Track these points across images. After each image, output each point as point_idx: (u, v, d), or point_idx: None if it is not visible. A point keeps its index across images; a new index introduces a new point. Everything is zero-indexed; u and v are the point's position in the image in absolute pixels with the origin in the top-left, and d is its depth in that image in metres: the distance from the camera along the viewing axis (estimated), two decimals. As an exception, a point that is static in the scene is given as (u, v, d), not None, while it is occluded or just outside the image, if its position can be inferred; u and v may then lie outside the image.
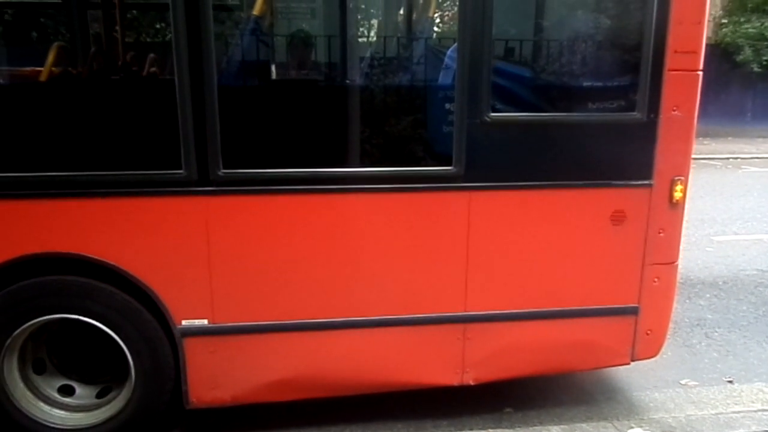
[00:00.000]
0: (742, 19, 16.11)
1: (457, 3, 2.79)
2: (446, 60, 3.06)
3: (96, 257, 2.69)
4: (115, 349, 2.83)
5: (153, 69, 3.74)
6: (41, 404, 2.94)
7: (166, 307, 2.78)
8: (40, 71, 3.14)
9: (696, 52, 2.88)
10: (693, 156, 3.08)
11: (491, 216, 2.95)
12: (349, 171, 2.85)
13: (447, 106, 2.90)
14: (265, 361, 2.94)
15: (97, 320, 2.76)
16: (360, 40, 4.09)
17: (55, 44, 3.21)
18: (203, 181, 2.68)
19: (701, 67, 2.91)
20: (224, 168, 2.68)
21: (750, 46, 15.78)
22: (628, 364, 3.30)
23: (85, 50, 4.36)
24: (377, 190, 2.85)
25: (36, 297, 2.73)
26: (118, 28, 4.03)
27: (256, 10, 3.18)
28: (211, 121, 2.64)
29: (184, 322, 2.81)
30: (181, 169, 2.66)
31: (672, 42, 2.84)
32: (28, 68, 3.48)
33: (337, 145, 2.89)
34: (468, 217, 2.92)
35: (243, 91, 3.07)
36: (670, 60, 2.86)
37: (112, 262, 2.70)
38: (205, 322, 2.83)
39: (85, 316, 2.75)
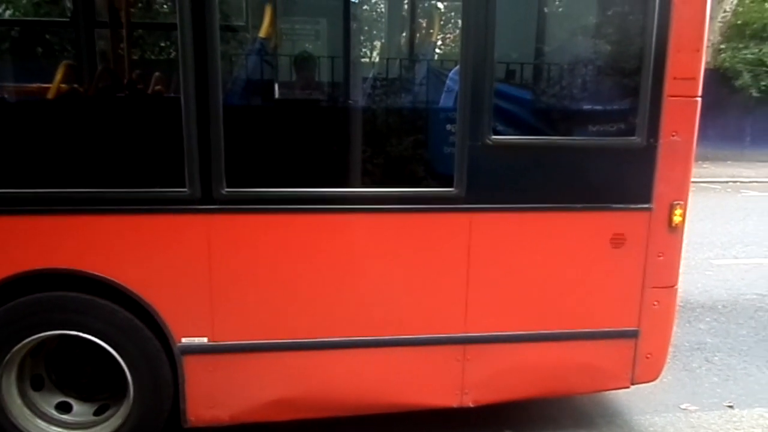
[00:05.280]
0: (740, 45, 16.29)
1: (460, 26, 2.83)
2: (448, 82, 3.11)
3: (97, 274, 2.70)
4: (113, 366, 2.82)
5: (158, 87, 3.79)
6: (38, 421, 2.93)
7: (166, 325, 2.78)
8: (47, 88, 3.18)
9: (695, 79, 2.92)
10: (692, 179, 3.10)
11: (492, 238, 2.96)
12: (351, 191, 2.88)
13: (449, 127, 2.93)
14: (265, 380, 2.93)
15: (96, 337, 2.76)
16: (363, 61, 4.15)
17: (63, 63, 3.26)
18: (206, 199, 2.70)
19: (700, 93, 2.95)
20: (228, 187, 2.70)
21: (748, 72, 15.93)
22: (628, 387, 3.29)
23: (92, 68, 4.43)
24: (379, 210, 2.87)
25: (36, 313, 2.73)
26: (124, 46, 4.09)
27: (263, 33, 3.23)
28: (216, 140, 2.66)
29: (184, 340, 2.81)
30: (184, 187, 2.68)
31: (671, 68, 2.88)
32: (35, 84, 3.53)
33: (340, 165, 2.92)
34: (469, 239, 2.94)
35: (248, 110, 3.11)
36: (669, 86, 2.89)
37: (113, 279, 2.71)
38: (205, 340, 2.83)
39: (84, 332, 2.75)
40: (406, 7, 4.73)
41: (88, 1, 4.56)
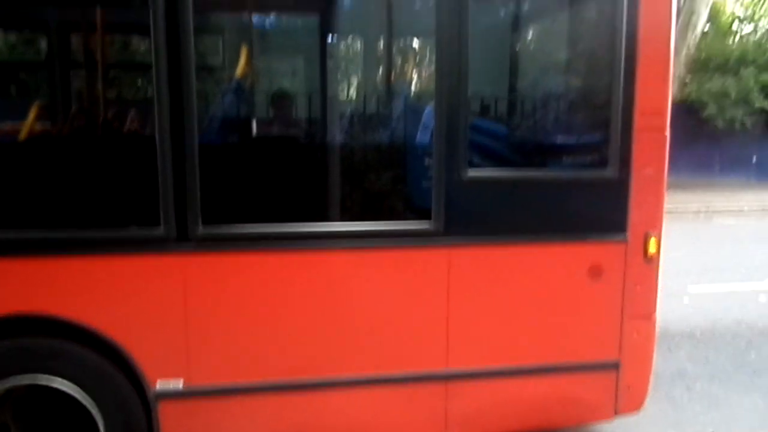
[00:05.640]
0: (705, 78, 16.87)
1: (434, 63, 2.88)
2: (424, 119, 3.15)
3: (67, 318, 2.62)
4: (84, 413, 2.72)
5: (134, 125, 3.77)
6: (4, 473, 2.80)
7: (140, 369, 2.71)
8: (20, 126, 3.15)
9: (662, 113, 3.01)
10: (667, 207, 3.16)
11: (471, 272, 2.96)
12: (328, 227, 2.87)
13: (425, 163, 2.96)
14: (243, 422, 2.85)
15: (67, 384, 2.67)
16: (340, 97, 4.19)
17: (36, 103, 3.23)
18: (181, 238, 2.66)
19: (668, 126, 3.03)
20: (204, 225, 2.67)
21: (714, 103, 16.47)
22: (612, 419, 3.27)
23: (67, 108, 4.40)
24: (357, 246, 2.86)
25: (3, 359, 2.64)
26: (100, 85, 4.08)
27: (239, 73, 3.26)
28: (192, 178, 2.64)
29: (158, 385, 2.73)
30: (159, 226, 2.65)
31: (639, 103, 2.96)
32: (7, 124, 3.49)
33: (317, 201, 2.91)
34: (448, 273, 2.93)
35: (224, 148, 3.11)
36: (638, 120, 2.97)
37: (84, 323, 2.63)
38: (180, 384, 2.75)
39: (54, 378, 2.66)
40: (382, 44, 4.82)
41: (63, 41, 4.57)
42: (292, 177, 2.95)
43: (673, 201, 12.39)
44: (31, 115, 3.09)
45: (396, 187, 3.06)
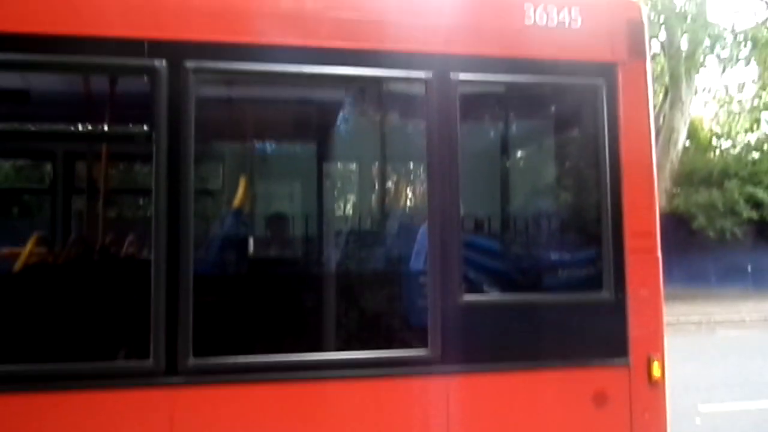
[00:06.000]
0: (691, 190, 17.39)
1: (427, 191, 2.95)
2: (417, 243, 3.18)
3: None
4: None
5: (131, 250, 3.80)
6: None
7: None
8: (19, 252, 3.16)
9: (652, 234, 3.06)
10: (667, 319, 3.10)
11: (471, 400, 2.85)
12: (322, 357, 2.79)
13: (421, 288, 2.95)
14: None
15: None
16: (335, 223, 4.27)
17: (35, 235, 3.27)
18: (171, 371, 2.57)
19: (659, 246, 3.06)
20: (194, 356, 2.60)
21: (702, 214, 16.84)
22: None
23: (67, 233, 4.46)
24: (352, 375, 2.77)
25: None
26: (99, 212, 4.16)
27: (236, 203, 3.34)
28: (185, 307, 2.60)
29: None
30: (148, 358, 2.57)
31: (628, 225, 3.02)
32: (5, 249, 3.51)
33: (310, 330, 2.86)
34: (447, 402, 2.82)
35: (218, 277, 3.10)
36: (628, 241, 3.01)
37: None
38: None
39: None
40: (376, 168, 5.00)
41: (68, 168, 4.72)
42: (286, 305, 2.92)
43: (673, 313, 12.28)
44: (29, 246, 3.12)
45: (392, 313, 3.02)
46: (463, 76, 2.90)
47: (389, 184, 4.60)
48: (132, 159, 5.40)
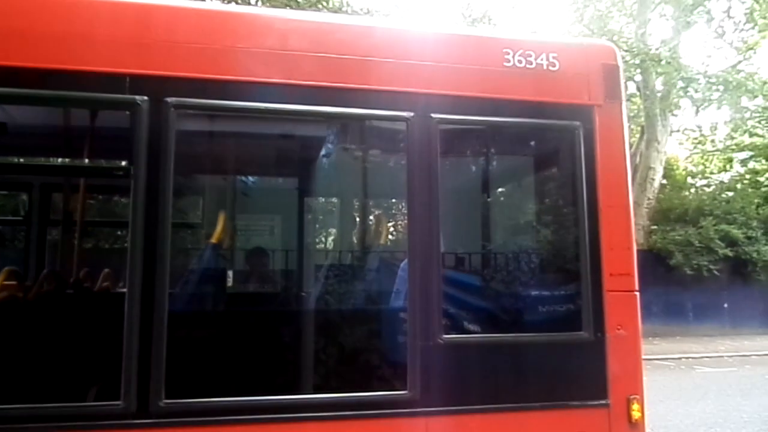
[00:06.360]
0: (668, 228, 17.68)
1: (407, 233, 2.93)
2: (397, 282, 3.16)
3: None
4: None
5: (106, 284, 3.71)
6: None
7: None
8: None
9: (630, 274, 3.08)
10: (646, 356, 3.09)
11: (450, 442, 2.79)
12: (300, 398, 2.73)
13: (401, 327, 2.92)
14: None
15: None
16: (314, 263, 4.24)
17: (5, 269, 3.19)
18: (142, 413, 2.49)
19: (637, 287, 3.08)
20: (166, 398, 2.52)
21: (679, 251, 17.08)
22: None
23: (40, 265, 4.36)
24: (329, 417, 2.70)
25: None
26: (75, 246, 4.08)
27: (214, 238, 3.30)
28: (159, 346, 2.54)
29: None
30: (119, 400, 2.49)
31: (606, 265, 3.04)
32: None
33: (289, 370, 2.80)
34: (426, 444, 2.76)
35: (194, 315, 3.04)
36: (607, 282, 3.03)
37: None
38: None
39: None
40: (357, 204, 5.01)
41: (44, 201, 4.65)
42: (263, 344, 2.87)
43: (652, 351, 12.33)
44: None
45: (371, 353, 2.97)
46: (444, 115, 2.94)
47: (370, 221, 4.59)
48: (110, 192, 5.35)
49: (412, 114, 2.89)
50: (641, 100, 18.21)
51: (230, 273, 3.80)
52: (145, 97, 2.62)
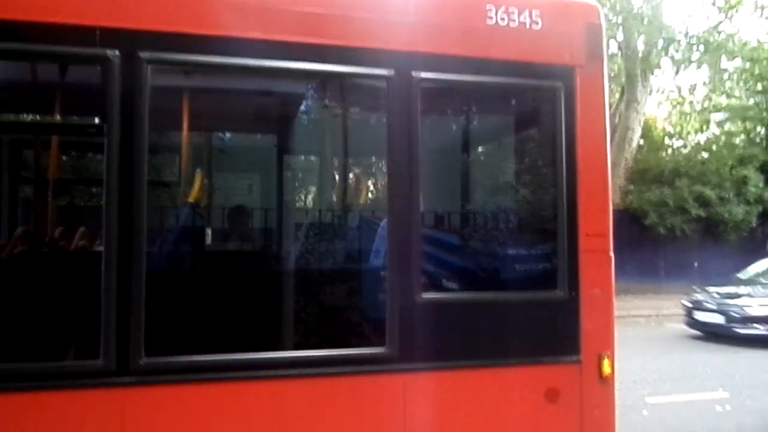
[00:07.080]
0: (643, 188, 17.96)
1: (387, 188, 2.95)
2: (376, 241, 3.18)
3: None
4: None
5: (82, 243, 3.66)
6: None
7: None
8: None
9: (605, 235, 3.13)
10: (618, 313, 3.18)
11: (427, 397, 2.87)
12: (278, 355, 2.76)
13: (379, 286, 2.95)
14: None
15: None
16: (293, 218, 4.23)
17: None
18: (122, 371, 2.50)
19: (612, 247, 3.14)
20: (146, 356, 2.53)
21: (654, 211, 17.42)
22: None
23: (13, 225, 4.28)
24: (308, 374, 2.75)
25: None
26: (49, 204, 4.00)
27: (192, 197, 3.26)
28: (138, 304, 2.53)
29: None
30: (98, 358, 2.49)
31: (583, 226, 3.09)
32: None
33: (267, 329, 2.83)
34: (404, 400, 2.83)
35: (172, 274, 3.03)
36: (583, 242, 3.08)
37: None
38: None
39: None
40: (337, 162, 4.97)
41: (14, 157, 4.53)
42: (242, 302, 2.87)
43: (624, 307, 12.69)
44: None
45: (350, 310, 3.01)
46: (425, 74, 2.90)
47: (350, 179, 4.57)
48: (84, 149, 5.22)
49: (392, 72, 2.85)
50: (622, 60, 18.16)
51: (209, 231, 3.77)
52: (117, 52, 2.54)
